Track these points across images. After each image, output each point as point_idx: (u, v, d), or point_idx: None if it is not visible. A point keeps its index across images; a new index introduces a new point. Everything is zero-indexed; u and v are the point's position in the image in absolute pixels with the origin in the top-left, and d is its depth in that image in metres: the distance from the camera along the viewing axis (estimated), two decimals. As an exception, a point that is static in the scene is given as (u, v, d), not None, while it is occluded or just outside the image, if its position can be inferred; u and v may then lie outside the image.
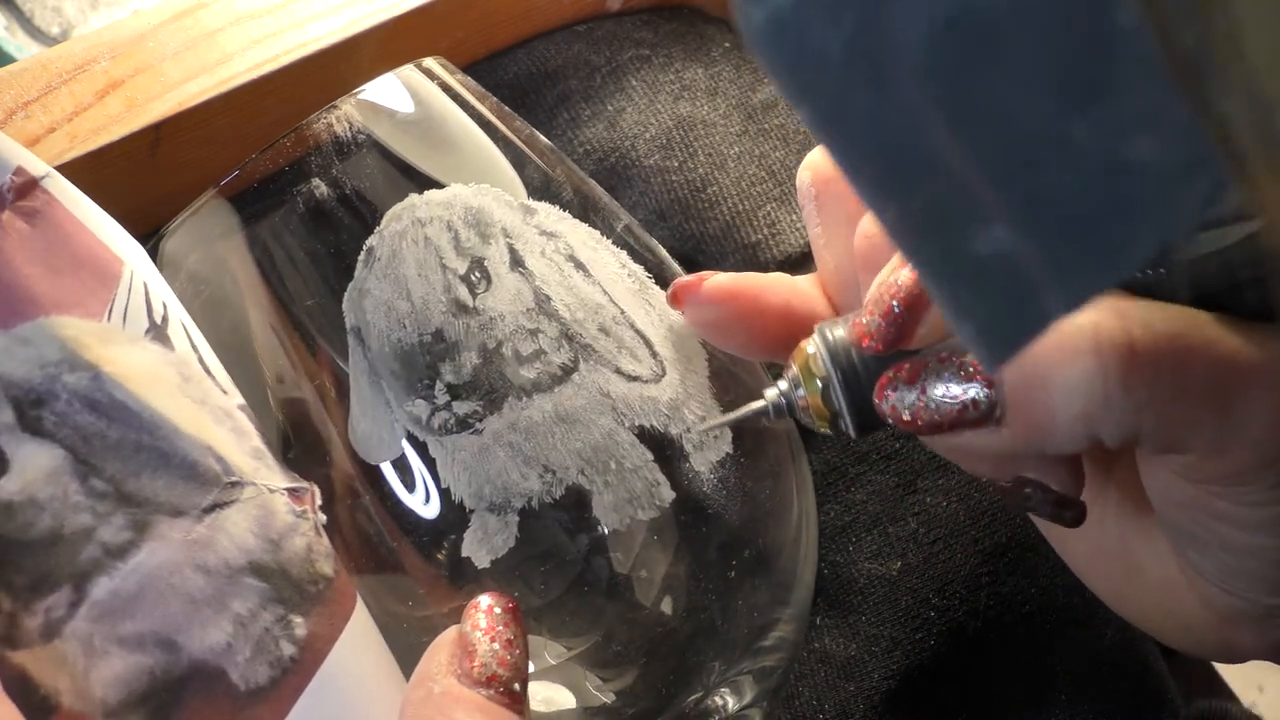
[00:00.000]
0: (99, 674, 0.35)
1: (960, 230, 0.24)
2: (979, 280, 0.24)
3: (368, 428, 0.39)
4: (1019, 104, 0.22)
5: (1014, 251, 0.23)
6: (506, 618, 0.36)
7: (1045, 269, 0.24)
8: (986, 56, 0.22)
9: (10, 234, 0.37)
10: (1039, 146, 0.22)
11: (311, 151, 0.40)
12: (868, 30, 0.22)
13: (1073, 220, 0.23)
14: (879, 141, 0.23)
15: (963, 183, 0.23)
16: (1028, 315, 0.24)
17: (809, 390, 0.37)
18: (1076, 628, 0.51)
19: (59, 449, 0.36)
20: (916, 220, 0.24)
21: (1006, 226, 0.23)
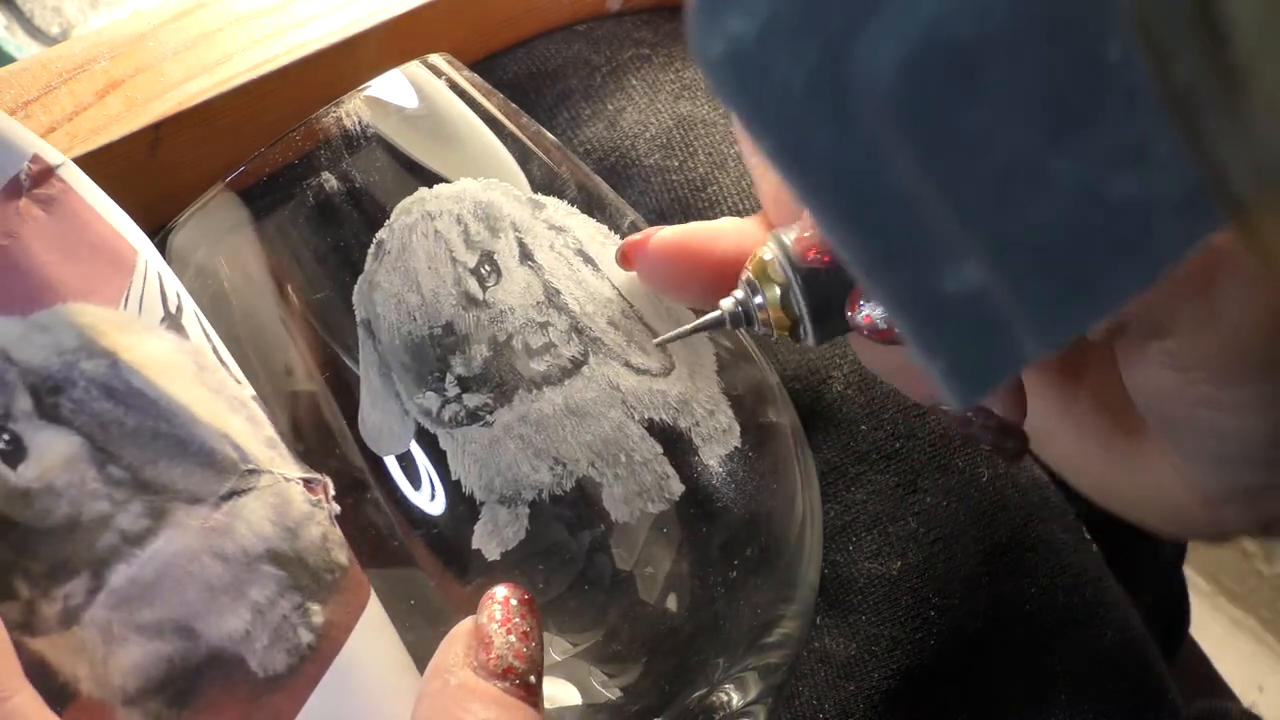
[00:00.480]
0: (117, 661, 0.35)
1: (928, 268, 0.23)
2: (948, 319, 0.23)
3: (378, 420, 0.39)
4: (995, 136, 0.21)
5: (985, 290, 0.23)
6: (522, 609, 0.36)
7: (1019, 308, 0.23)
8: (963, 86, 0.21)
9: (28, 221, 0.37)
10: (1015, 181, 0.22)
11: (320, 146, 0.40)
12: (833, 61, 0.21)
13: (1049, 258, 0.22)
14: (842, 177, 0.23)
15: (931, 219, 0.22)
16: (1000, 355, 0.24)
17: (768, 298, 0.36)
18: (1076, 628, 0.51)
19: (76, 436, 0.36)
20: (882, 257, 0.23)
21: (977, 264, 0.23)
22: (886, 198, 0.22)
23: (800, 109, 0.22)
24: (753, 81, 0.22)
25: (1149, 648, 0.52)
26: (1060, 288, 0.23)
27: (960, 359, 0.24)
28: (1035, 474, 0.52)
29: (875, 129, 0.22)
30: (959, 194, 0.22)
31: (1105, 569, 0.53)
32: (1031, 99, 0.21)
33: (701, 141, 0.55)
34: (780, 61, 0.21)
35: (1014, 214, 0.22)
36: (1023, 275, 0.23)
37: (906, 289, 0.23)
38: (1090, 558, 0.52)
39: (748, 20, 0.21)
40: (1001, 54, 0.21)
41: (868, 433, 0.51)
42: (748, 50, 0.22)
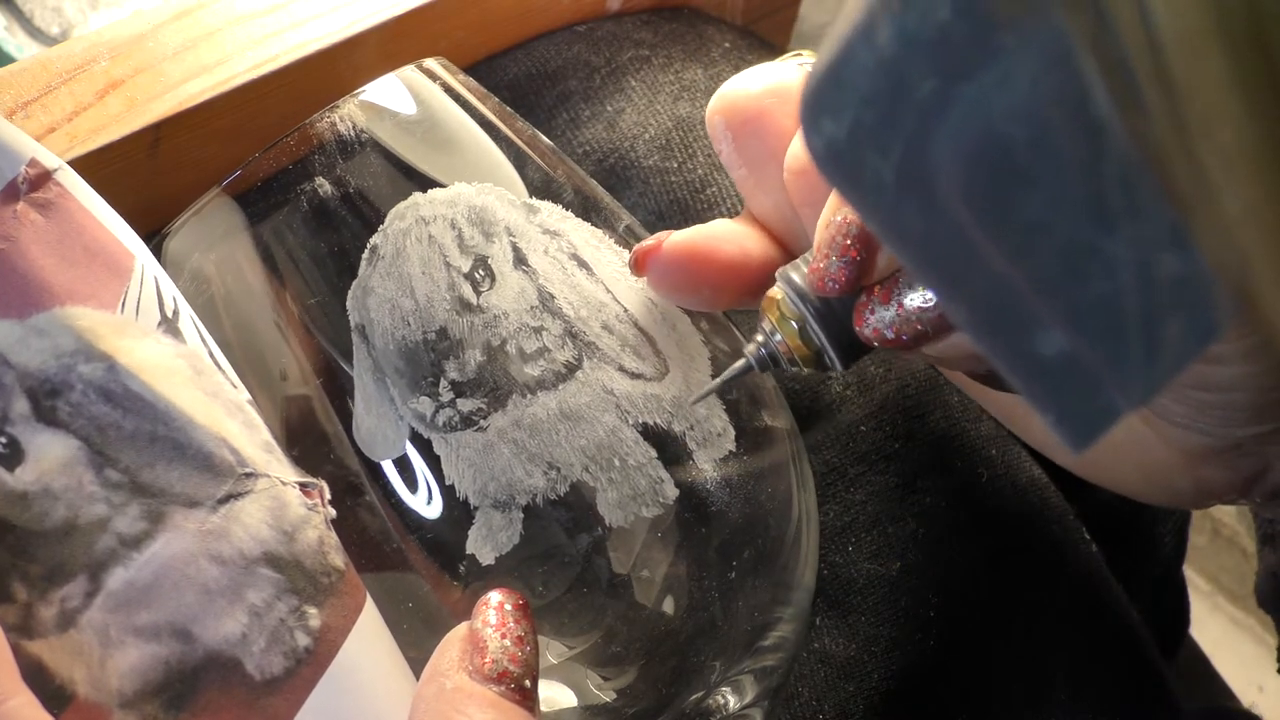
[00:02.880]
0: (115, 664, 0.35)
1: (1022, 333, 0.25)
2: (1049, 377, 0.25)
3: (372, 425, 0.39)
4: (1052, 223, 0.23)
5: (1073, 352, 0.25)
6: (517, 614, 0.36)
7: (1104, 368, 0.25)
8: (1016, 183, 0.23)
9: (25, 225, 0.37)
10: (1077, 261, 0.24)
11: (315, 150, 0.40)
12: (913, 159, 0.24)
13: (1118, 327, 0.24)
14: (937, 254, 0.25)
15: (1017, 291, 0.24)
16: (1099, 409, 0.26)
17: (786, 335, 0.37)
18: (1076, 628, 0.51)
19: (74, 439, 0.36)
20: (982, 323, 0.25)
21: (1061, 331, 0.25)
22: (977, 272, 0.25)
23: (893, 197, 0.24)
24: (851, 173, 0.24)
25: (1149, 648, 0.52)
26: (1132, 352, 0.25)
27: (1065, 412, 0.26)
28: (1035, 474, 0.52)
29: (956, 214, 0.24)
30: (1030, 270, 0.24)
31: (1105, 569, 0.53)
32: (1075, 192, 0.23)
33: (700, 143, 0.55)
34: (870, 158, 0.24)
35: (1080, 288, 0.24)
36: (1097, 341, 0.25)
37: (1010, 351, 0.25)
38: (1090, 558, 0.52)
39: (837, 123, 0.24)
40: (1044, 154, 0.23)
41: (867, 434, 0.51)
42: (841, 148, 0.24)
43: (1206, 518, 1.33)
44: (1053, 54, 0.22)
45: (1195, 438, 0.36)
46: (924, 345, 0.36)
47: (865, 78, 0.23)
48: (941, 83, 0.23)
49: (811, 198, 0.37)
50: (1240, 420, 0.35)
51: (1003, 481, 0.51)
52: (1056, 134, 0.23)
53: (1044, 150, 0.23)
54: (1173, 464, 0.38)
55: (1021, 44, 0.22)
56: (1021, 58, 0.22)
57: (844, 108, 0.24)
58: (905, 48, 0.23)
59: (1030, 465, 0.52)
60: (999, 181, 0.23)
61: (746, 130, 0.40)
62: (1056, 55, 0.22)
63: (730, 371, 0.39)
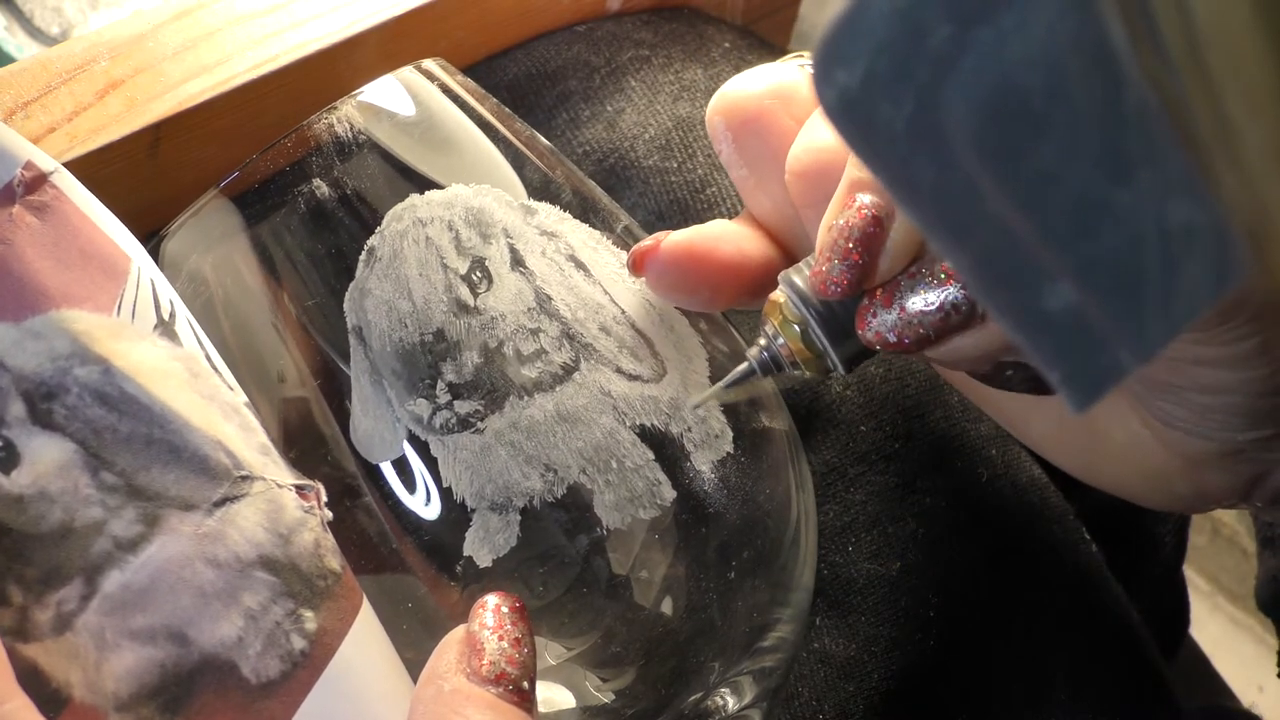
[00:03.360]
0: (110, 667, 0.35)
1: (1030, 287, 0.25)
2: (1055, 334, 0.25)
3: (369, 427, 0.39)
4: (1065, 174, 0.24)
5: (1080, 307, 0.25)
6: (514, 616, 0.36)
7: (1111, 323, 0.25)
8: (1030, 132, 0.23)
9: (21, 228, 0.37)
10: (1088, 212, 0.24)
11: (312, 152, 0.40)
12: (926, 108, 0.24)
13: (1128, 279, 0.24)
14: (947, 207, 0.25)
15: (1026, 243, 0.25)
16: (1104, 367, 0.26)
17: (788, 338, 0.37)
18: (1076, 628, 0.51)
19: (70, 442, 0.36)
20: (990, 277, 0.26)
21: (1070, 284, 0.25)
22: (987, 225, 0.25)
23: (904, 148, 0.24)
24: (862, 124, 0.24)
25: (1149, 648, 0.52)
26: (1141, 305, 0.25)
27: (1070, 370, 0.26)
28: (1035, 474, 0.52)
29: (967, 165, 0.24)
30: (1041, 222, 0.24)
31: (1105, 569, 0.53)
32: (1088, 140, 0.23)
33: (700, 143, 0.55)
34: (883, 107, 0.24)
35: (1091, 240, 0.24)
36: (1106, 294, 0.25)
37: (1015, 307, 0.26)
38: (1090, 558, 0.52)
39: (851, 72, 0.24)
40: (1058, 102, 0.23)
41: (867, 434, 0.51)
42: (854, 98, 0.24)
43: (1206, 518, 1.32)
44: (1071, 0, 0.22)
45: (1196, 442, 0.36)
46: (926, 348, 0.36)
47: (880, 24, 0.23)
48: (956, 29, 0.23)
49: (813, 199, 0.37)
50: (1240, 425, 0.35)
51: (1003, 481, 0.51)
52: (1071, 80, 0.23)
53: (1058, 97, 0.23)
54: (1173, 468, 0.38)
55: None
56: (1038, 2, 0.22)
57: (858, 56, 0.24)
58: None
59: (1030, 465, 0.52)
60: (1012, 130, 0.23)
61: (747, 131, 0.40)
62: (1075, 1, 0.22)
63: (733, 375, 0.39)
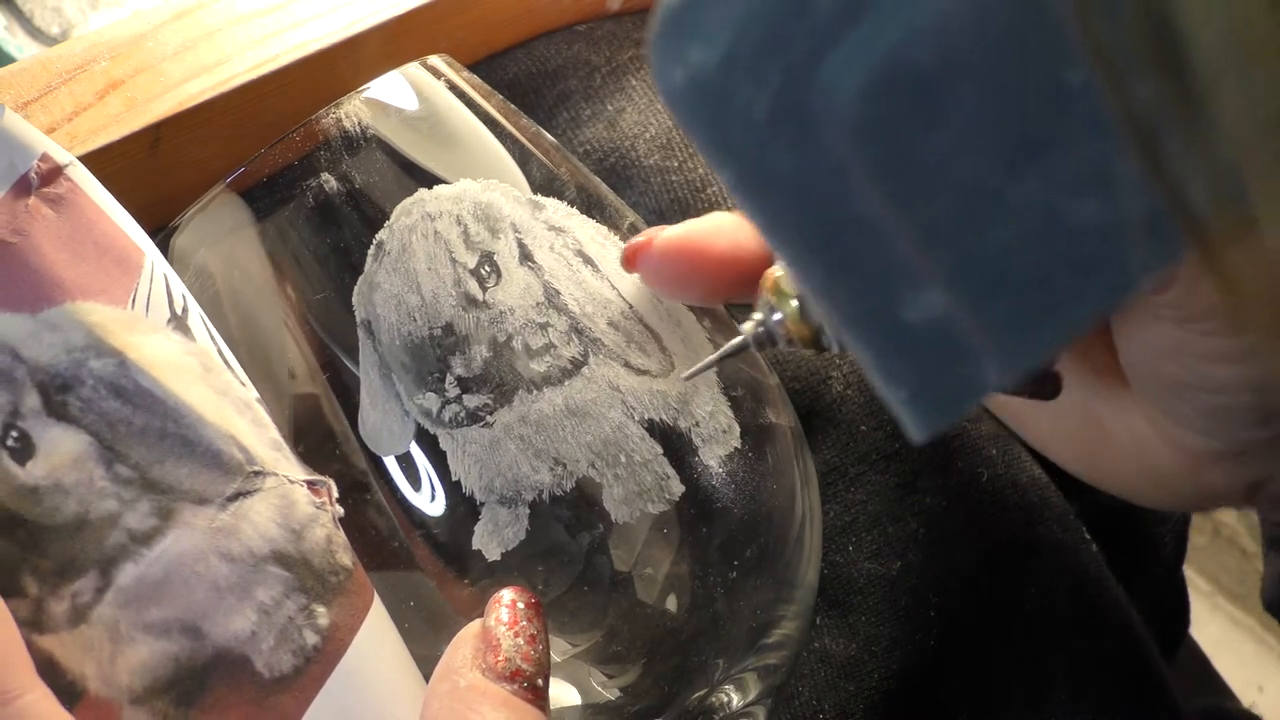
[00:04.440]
0: (125, 660, 0.35)
1: (890, 296, 0.23)
2: (910, 347, 0.24)
3: (378, 421, 0.39)
4: (957, 162, 0.22)
5: (948, 317, 0.23)
6: (529, 612, 0.36)
7: (982, 334, 0.23)
8: (924, 113, 0.21)
9: (37, 219, 0.37)
10: (977, 206, 0.22)
11: (320, 147, 0.40)
12: (795, 86, 0.22)
13: (1011, 283, 0.23)
14: (804, 204, 0.23)
15: (893, 246, 0.23)
16: (963, 382, 0.24)
17: (785, 313, 0.36)
18: (1076, 628, 0.51)
19: (84, 434, 0.36)
20: (843, 285, 0.24)
21: (940, 291, 0.23)
22: (849, 225, 0.23)
23: (762, 135, 0.22)
24: (715, 109, 0.22)
25: (1149, 648, 0.52)
26: (1023, 313, 0.23)
27: (921, 388, 0.24)
28: (1035, 474, 0.52)
29: (838, 154, 0.22)
30: (921, 218, 0.22)
31: (1105, 569, 0.53)
32: (992, 126, 0.21)
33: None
34: (743, 88, 0.22)
35: (975, 239, 0.22)
36: (985, 300, 0.23)
37: (868, 317, 0.24)
38: (1090, 558, 0.52)
39: (709, 49, 0.22)
40: (962, 82, 0.21)
41: (867, 433, 0.51)
42: (709, 78, 0.22)
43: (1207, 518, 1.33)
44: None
45: (1200, 441, 0.36)
46: None
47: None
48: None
49: None
50: (1244, 424, 0.35)
51: (1003, 481, 0.51)
52: (983, 55, 0.21)
53: (961, 74, 0.21)
54: (1177, 468, 0.38)
55: None
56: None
57: (719, 28, 0.22)
58: None
59: (1030, 465, 0.52)
60: (899, 112, 0.21)
61: None
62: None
63: (726, 348, 0.39)
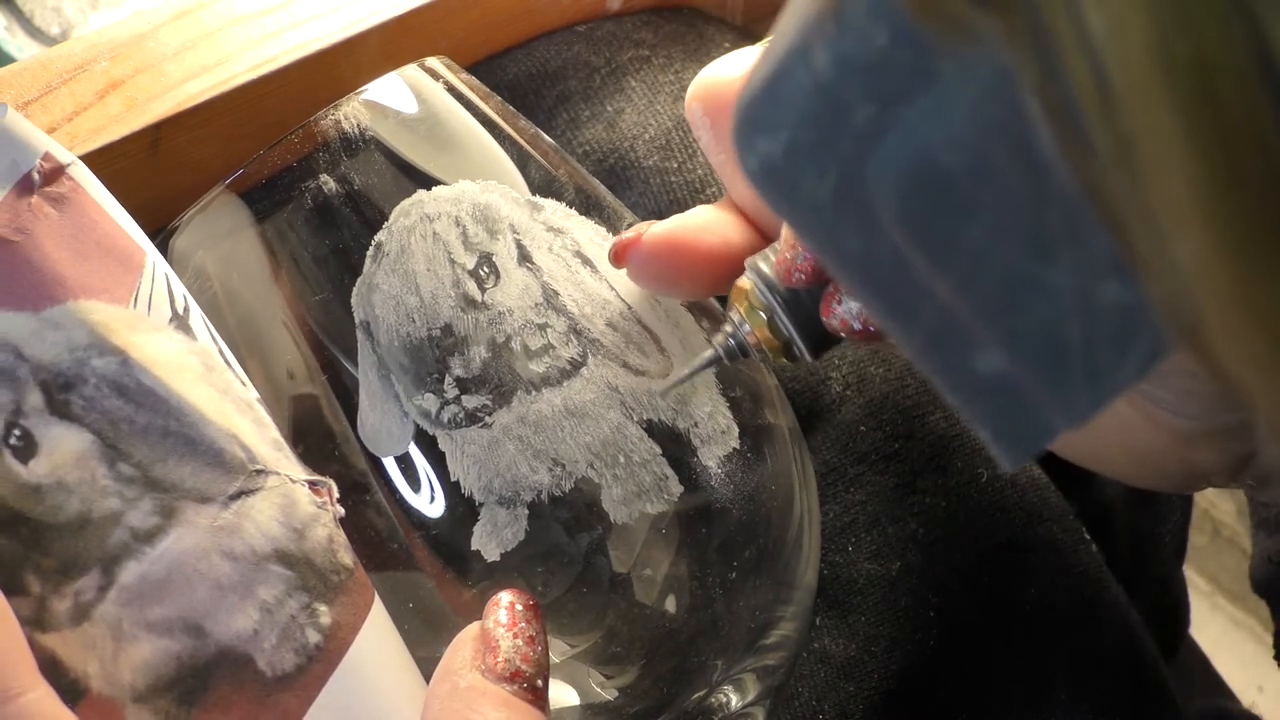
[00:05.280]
0: (127, 658, 0.35)
1: (960, 352, 0.25)
2: (985, 396, 0.25)
3: (377, 422, 0.39)
4: (992, 251, 0.23)
5: (1011, 373, 0.24)
6: (528, 614, 0.36)
7: (1040, 390, 0.25)
8: (955, 210, 0.23)
9: (39, 218, 0.37)
10: (1018, 288, 0.23)
11: (318, 148, 0.40)
12: (850, 180, 0.23)
13: (1058, 351, 0.24)
14: (875, 273, 0.25)
15: (955, 312, 0.24)
16: (1034, 428, 0.25)
17: (754, 325, 0.37)
18: (1076, 628, 0.51)
19: (87, 433, 0.36)
20: (920, 341, 0.25)
21: (999, 352, 0.24)
22: (915, 292, 0.24)
23: (829, 217, 0.24)
24: (787, 191, 0.24)
25: (1149, 648, 0.52)
26: (1070, 376, 0.24)
27: (1001, 430, 0.26)
28: (1034, 474, 0.52)
29: (893, 238, 0.24)
30: (971, 296, 0.24)
31: (1105, 569, 0.53)
32: (1014, 221, 0.23)
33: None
34: (807, 177, 0.24)
35: (1020, 314, 0.24)
36: (1035, 365, 0.24)
37: (946, 370, 0.25)
38: (1090, 558, 0.52)
39: (773, 141, 0.24)
40: (983, 183, 0.23)
41: (867, 434, 0.51)
42: (777, 166, 0.24)
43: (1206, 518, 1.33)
44: (993, 86, 0.22)
45: (1182, 422, 0.36)
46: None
47: (802, 98, 0.23)
48: (879, 108, 0.23)
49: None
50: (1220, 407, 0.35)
51: (1003, 481, 0.51)
52: (995, 164, 0.22)
53: (982, 179, 0.23)
54: (1161, 447, 0.38)
55: (960, 73, 0.22)
56: (960, 87, 0.22)
57: (780, 127, 0.24)
58: (842, 71, 0.23)
59: (1030, 465, 0.52)
60: (936, 208, 0.23)
61: (725, 115, 0.40)
62: (997, 87, 0.22)
63: (697, 362, 0.39)
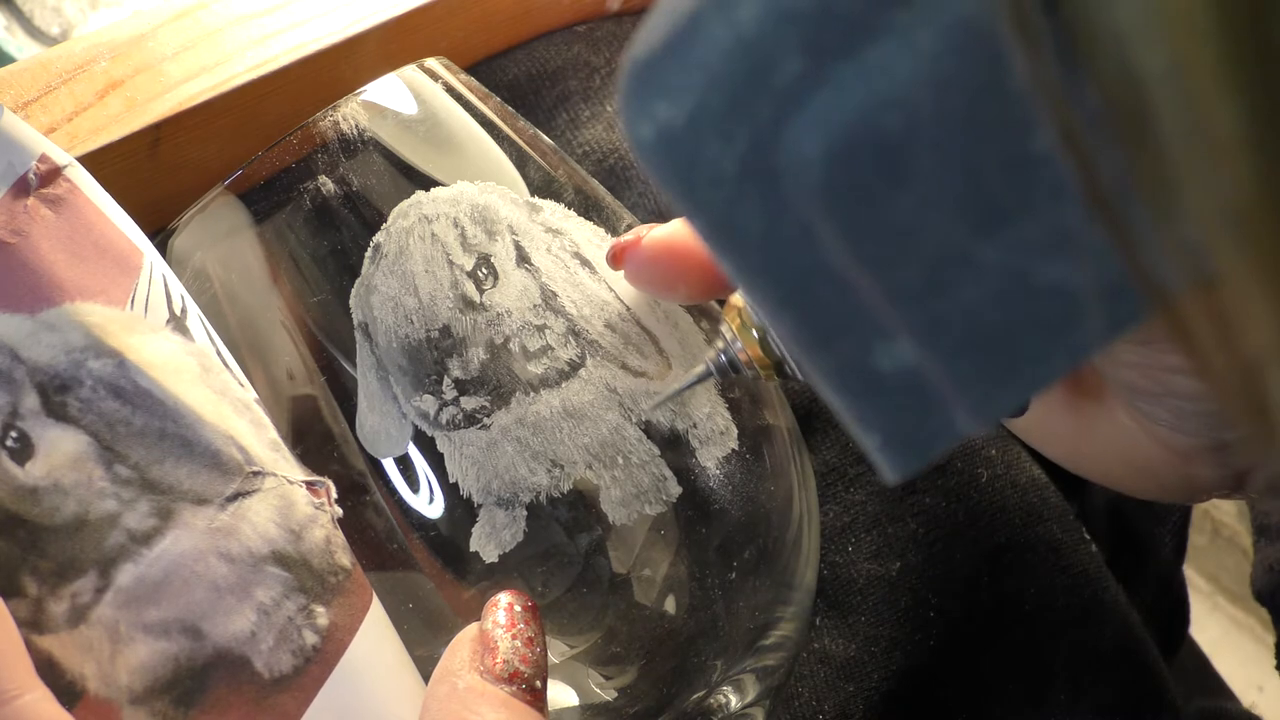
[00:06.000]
0: (124, 660, 0.35)
1: (860, 345, 0.23)
2: (881, 395, 0.24)
3: (376, 423, 0.39)
4: (923, 225, 0.22)
5: (919, 368, 0.23)
6: (526, 615, 0.36)
7: (952, 386, 0.23)
8: (890, 178, 0.22)
9: (36, 220, 0.37)
10: (945, 268, 0.22)
11: (317, 149, 0.40)
12: (762, 147, 0.22)
13: (979, 340, 0.23)
14: (774, 257, 0.23)
15: (862, 300, 0.23)
16: (935, 429, 0.24)
17: (746, 342, 0.37)
18: (1076, 628, 0.51)
19: (84, 435, 0.36)
20: (815, 335, 0.24)
21: (910, 343, 0.23)
22: (818, 278, 0.23)
23: (731, 191, 0.22)
24: (683, 165, 0.22)
25: (1149, 648, 0.52)
26: (990, 368, 0.23)
27: (893, 433, 0.24)
28: (1034, 474, 0.52)
29: (806, 214, 0.22)
30: (889, 278, 0.22)
31: (1104, 569, 0.53)
32: (957, 190, 0.21)
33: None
34: (710, 147, 0.22)
35: (943, 298, 0.22)
36: (953, 355, 0.23)
37: (840, 366, 0.24)
38: (1089, 558, 0.52)
39: (675, 107, 0.22)
40: (927, 147, 0.21)
41: (867, 433, 0.51)
42: (676, 135, 0.22)
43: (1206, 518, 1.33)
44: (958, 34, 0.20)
45: (1183, 438, 0.36)
46: None
47: (715, 55, 0.21)
48: (811, 62, 0.21)
49: None
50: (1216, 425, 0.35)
51: (1003, 481, 0.51)
52: (945, 124, 0.21)
53: (924, 142, 0.21)
54: (1160, 460, 0.38)
55: (924, 19, 0.20)
56: (916, 37, 0.20)
57: (686, 90, 0.22)
58: (772, 23, 0.21)
59: (1030, 465, 0.52)
60: (865, 176, 0.22)
61: None
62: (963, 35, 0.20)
63: (689, 378, 0.39)
